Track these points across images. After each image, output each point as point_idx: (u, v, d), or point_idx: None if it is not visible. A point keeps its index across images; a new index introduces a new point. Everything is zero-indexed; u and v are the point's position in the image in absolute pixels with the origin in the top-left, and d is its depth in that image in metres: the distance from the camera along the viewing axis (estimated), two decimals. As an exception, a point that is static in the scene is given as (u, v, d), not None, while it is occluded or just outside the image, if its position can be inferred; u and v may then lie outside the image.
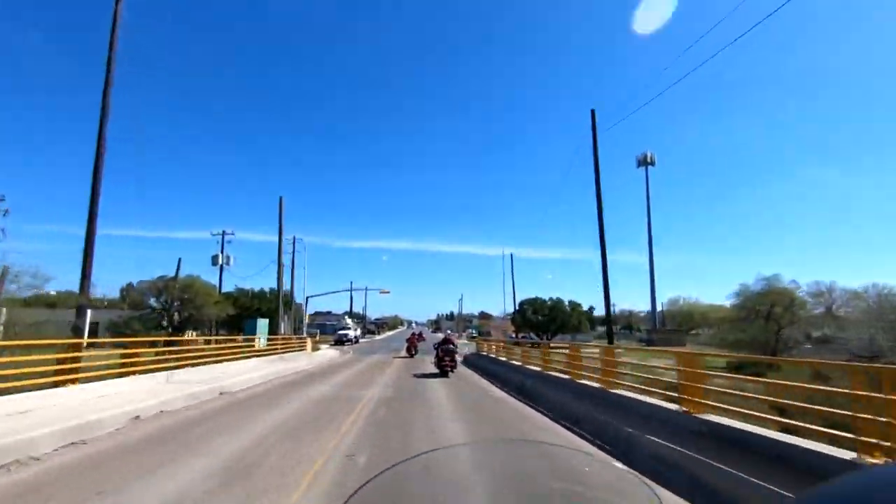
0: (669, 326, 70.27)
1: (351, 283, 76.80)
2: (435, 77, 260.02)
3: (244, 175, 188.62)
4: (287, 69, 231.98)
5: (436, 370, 16.79)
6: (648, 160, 65.32)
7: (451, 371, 16.52)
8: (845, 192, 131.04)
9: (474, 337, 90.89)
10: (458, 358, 18.72)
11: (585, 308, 53.28)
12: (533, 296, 54.63)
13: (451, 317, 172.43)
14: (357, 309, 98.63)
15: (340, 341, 43.32)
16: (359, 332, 55.80)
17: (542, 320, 51.35)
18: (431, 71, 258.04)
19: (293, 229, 40.73)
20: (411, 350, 25.66)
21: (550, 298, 52.27)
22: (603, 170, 20.01)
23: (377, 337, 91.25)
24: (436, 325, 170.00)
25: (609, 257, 19.67)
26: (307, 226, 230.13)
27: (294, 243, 41.57)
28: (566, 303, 52.07)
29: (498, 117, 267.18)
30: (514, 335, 53.95)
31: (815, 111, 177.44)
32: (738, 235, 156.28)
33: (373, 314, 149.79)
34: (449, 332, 25.39)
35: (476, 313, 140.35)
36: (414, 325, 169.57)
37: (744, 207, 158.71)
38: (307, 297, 38.77)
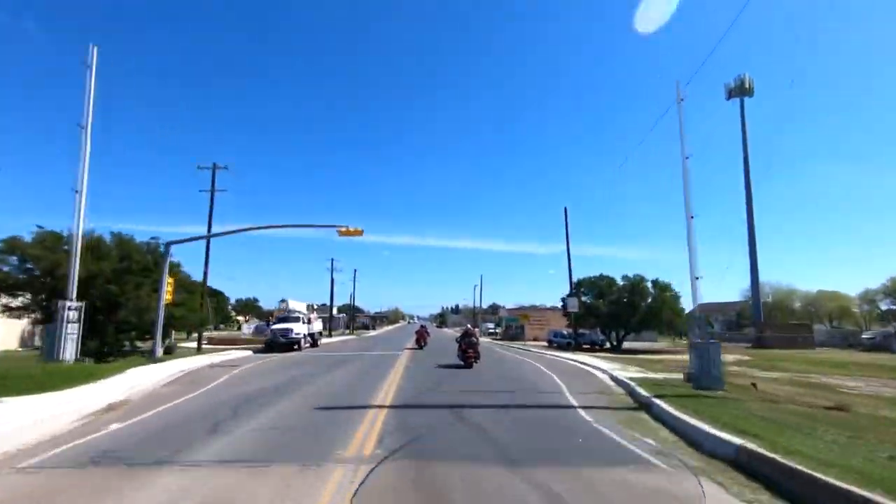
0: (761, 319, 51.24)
1: (332, 261, 58.82)
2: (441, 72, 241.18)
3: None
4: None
5: None
6: (746, 86, 46.08)
7: (475, 361, 17.00)
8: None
9: (493, 334, 68.09)
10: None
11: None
12: (595, 274, 36.06)
13: (456, 310, 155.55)
14: (357, 302, 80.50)
15: (279, 345, 23.66)
16: (319, 327, 31.62)
17: (613, 310, 32.80)
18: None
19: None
20: (420, 342, 27.61)
21: (625, 276, 33.82)
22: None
23: (370, 333, 72.33)
24: (440, 319, 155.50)
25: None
26: (305, 221, 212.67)
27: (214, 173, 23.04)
28: (649, 283, 33.48)
29: (500, 115, 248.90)
30: (564, 333, 35.37)
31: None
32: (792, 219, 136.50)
33: (371, 309, 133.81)
34: (469, 326, 21.45)
35: (485, 307, 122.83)
36: (416, 318, 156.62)
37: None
38: (168, 243, 17.77)
